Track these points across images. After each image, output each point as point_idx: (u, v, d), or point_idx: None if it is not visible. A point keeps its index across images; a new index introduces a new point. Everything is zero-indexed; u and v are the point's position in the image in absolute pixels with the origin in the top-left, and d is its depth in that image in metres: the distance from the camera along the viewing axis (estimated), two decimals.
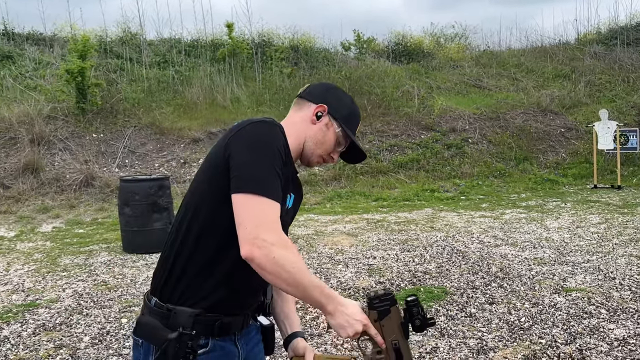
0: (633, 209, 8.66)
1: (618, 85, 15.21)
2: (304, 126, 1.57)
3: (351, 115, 1.62)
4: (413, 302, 1.44)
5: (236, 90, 13.66)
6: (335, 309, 1.38)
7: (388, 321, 1.43)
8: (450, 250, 6.31)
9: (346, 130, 1.59)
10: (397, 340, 1.43)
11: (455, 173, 11.92)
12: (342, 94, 1.64)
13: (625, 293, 4.67)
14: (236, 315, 1.50)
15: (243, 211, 1.32)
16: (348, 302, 1.41)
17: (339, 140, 1.60)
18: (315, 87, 1.65)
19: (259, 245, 1.28)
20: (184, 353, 1.38)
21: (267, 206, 1.33)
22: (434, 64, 17.06)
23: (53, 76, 12.83)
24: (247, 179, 1.34)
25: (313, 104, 1.58)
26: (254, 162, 1.35)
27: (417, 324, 1.43)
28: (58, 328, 4.18)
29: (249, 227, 1.30)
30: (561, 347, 3.61)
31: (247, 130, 1.40)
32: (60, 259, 6.40)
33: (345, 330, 1.38)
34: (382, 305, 1.43)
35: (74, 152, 10.77)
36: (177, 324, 1.40)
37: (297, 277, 1.31)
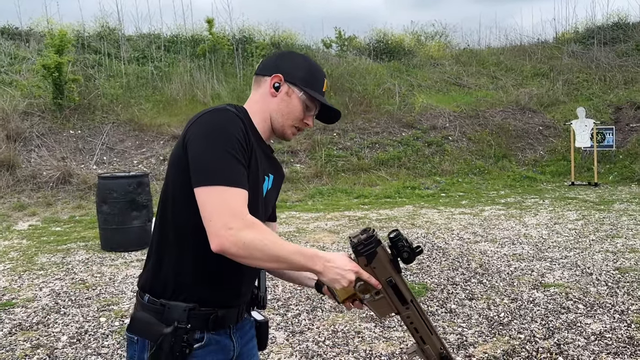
0: (609, 205, 8.81)
1: (595, 84, 15.45)
2: (266, 102, 1.53)
3: (310, 75, 1.55)
4: (396, 237, 1.44)
5: (217, 86, 13.57)
6: (323, 266, 1.37)
7: (378, 262, 1.44)
8: (431, 247, 6.35)
9: (309, 92, 1.52)
10: (391, 277, 1.45)
11: (435, 170, 12.01)
12: (295, 57, 1.58)
13: (602, 288, 4.74)
14: (230, 307, 1.50)
15: (206, 204, 1.32)
16: (334, 255, 1.41)
17: (307, 104, 1.54)
18: (267, 59, 1.60)
19: (226, 235, 1.28)
20: (180, 347, 1.37)
21: (228, 195, 1.31)
22: (414, 62, 17.15)
23: (29, 71, 12.59)
24: (204, 171, 1.33)
25: (268, 76, 1.53)
26: (209, 152, 1.34)
27: (405, 257, 1.44)
28: (35, 327, 4.11)
29: (213, 219, 1.30)
30: (540, 342, 3.66)
31: (200, 121, 1.39)
32: (37, 257, 6.29)
33: (340, 282, 1.38)
34: (367, 249, 1.43)
35: (51, 149, 10.60)
36: (171, 318, 1.39)
37: (273, 251, 1.31)
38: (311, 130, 12.38)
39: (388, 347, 3.63)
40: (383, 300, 1.47)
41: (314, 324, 4.06)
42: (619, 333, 3.77)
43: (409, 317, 1.48)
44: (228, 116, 1.40)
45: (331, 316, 4.21)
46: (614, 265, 5.40)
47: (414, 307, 1.48)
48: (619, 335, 3.73)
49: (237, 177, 1.34)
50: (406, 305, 1.47)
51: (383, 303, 1.47)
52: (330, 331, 3.91)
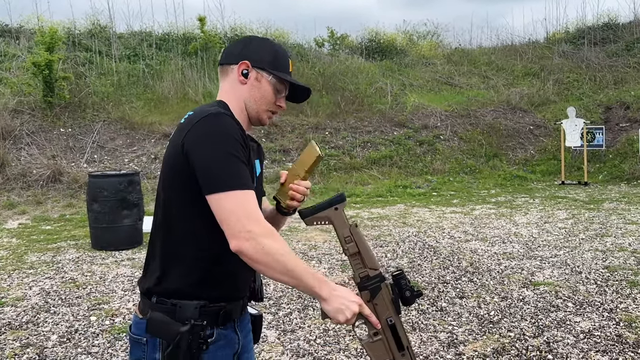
0: (599, 204, 8.88)
1: (585, 84, 15.56)
2: (237, 90, 1.53)
3: (276, 58, 1.55)
4: (400, 275, 1.46)
5: (208, 84, 13.53)
6: (329, 294, 1.38)
7: (380, 299, 1.44)
8: (422, 246, 6.37)
9: (278, 74, 1.53)
10: (391, 317, 1.45)
11: (427, 169, 12.05)
12: (258, 41, 1.58)
13: (591, 287, 4.78)
14: (236, 300, 1.52)
15: (222, 210, 1.34)
16: (339, 286, 1.42)
17: (277, 87, 1.54)
18: (230, 47, 1.59)
19: (246, 237, 1.30)
20: (197, 344, 1.38)
21: (243, 198, 1.33)
22: (406, 61, 17.19)
23: (19, 69, 12.50)
24: (216, 178, 1.34)
25: (235, 64, 1.53)
26: (216, 158, 1.35)
27: (407, 295, 1.45)
28: (24, 327, 4.09)
29: (232, 222, 1.32)
30: (529, 340, 3.68)
31: (199, 129, 1.39)
32: (27, 256, 6.25)
33: (344, 314, 1.38)
34: (372, 283, 1.44)
35: (41, 147, 10.53)
36: (184, 317, 1.40)
37: (289, 264, 1.33)
38: (303, 129, 12.39)
39: None
40: (380, 343, 1.45)
41: (305, 322, 4.07)
42: (608, 331, 3.80)
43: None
44: (225, 120, 1.41)
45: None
46: (603, 264, 5.45)
47: (409, 355, 1.46)
48: (608, 334, 3.76)
49: (246, 180, 1.37)
50: (402, 351, 1.46)
51: (380, 346, 1.45)
52: (322, 330, 3.92)
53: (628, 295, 4.53)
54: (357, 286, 1.46)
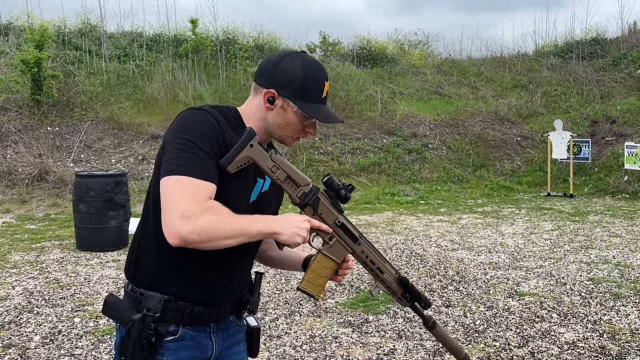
0: (584, 216, 8.97)
1: (573, 97, 15.74)
2: (262, 113, 1.51)
3: (305, 85, 1.48)
4: (329, 180, 1.53)
5: (198, 87, 13.49)
6: (280, 226, 1.41)
7: (322, 208, 1.51)
8: (409, 254, 6.39)
9: (303, 107, 1.47)
10: (337, 218, 1.53)
11: (415, 177, 12.10)
12: (290, 64, 1.48)
13: (576, 298, 4.83)
14: (208, 305, 1.50)
15: (165, 194, 1.33)
16: (285, 215, 1.46)
17: (304, 116, 1.49)
18: (264, 66, 1.53)
19: (183, 224, 1.28)
20: (147, 335, 1.40)
21: (191, 185, 1.32)
22: (397, 70, 17.28)
23: (7, 66, 12.37)
24: (169, 163, 1.35)
25: (263, 89, 1.50)
26: (176, 145, 1.36)
27: (343, 194, 1.52)
28: (7, 327, 4.03)
29: (170, 209, 1.30)
30: (514, 350, 3.71)
31: (174, 122, 1.42)
32: (10, 255, 6.17)
33: (300, 235, 1.42)
34: (310, 197, 1.50)
35: (28, 145, 10.42)
36: (145, 307, 1.43)
37: (231, 228, 1.33)
38: None
39: (365, 353, 3.64)
40: (337, 244, 1.54)
41: (291, 328, 4.06)
42: (592, 343, 3.83)
43: (363, 252, 1.56)
44: (200, 114, 1.42)
45: (309, 321, 4.21)
46: (588, 276, 5.50)
47: (364, 241, 1.57)
48: (592, 345, 3.79)
49: (202, 170, 1.34)
50: (357, 241, 1.56)
51: (337, 247, 1.54)
52: (308, 336, 3.91)
53: (612, 307, 4.58)
54: (298, 207, 1.51)
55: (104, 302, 1.50)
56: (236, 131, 1.46)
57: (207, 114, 1.42)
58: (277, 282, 5.19)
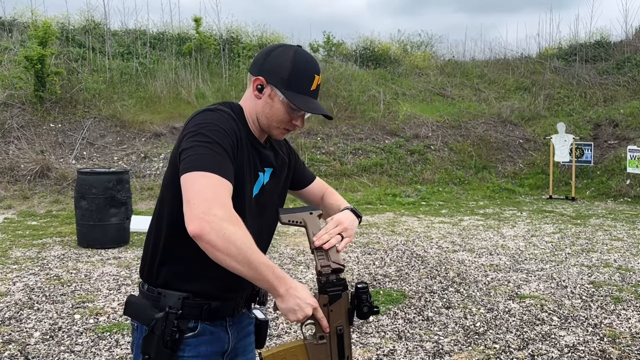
0: (586, 220, 8.96)
1: (575, 100, 15.72)
2: (252, 102, 1.51)
3: (294, 76, 1.45)
4: (363, 289, 1.46)
5: (201, 85, 13.50)
6: (287, 292, 1.36)
7: (337, 306, 1.44)
8: (410, 255, 6.38)
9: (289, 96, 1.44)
10: (342, 326, 1.44)
11: (417, 179, 12.09)
12: (282, 54, 1.48)
13: (576, 301, 4.82)
14: (225, 300, 1.51)
15: (190, 189, 1.28)
16: (298, 285, 1.40)
17: (291, 107, 1.47)
18: (257, 56, 1.53)
19: (209, 220, 1.23)
20: (171, 332, 1.41)
21: (215, 181, 1.29)
22: (400, 71, 17.27)
23: (11, 62, 12.39)
24: (192, 160, 1.32)
25: (253, 76, 1.50)
26: (198, 143, 1.33)
27: (364, 311, 1.45)
28: (7, 322, 4.03)
29: (196, 202, 1.25)
30: (514, 353, 3.70)
31: (192, 120, 1.41)
32: (11, 251, 6.18)
33: (296, 314, 1.37)
34: (334, 290, 1.43)
35: (30, 142, 10.43)
36: (165, 306, 1.43)
37: (249, 254, 1.27)
38: (295, 134, 12.38)
39: (365, 353, 3.64)
40: (324, 347, 1.44)
41: (291, 327, 4.06)
42: (592, 346, 3.83)
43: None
44: (219, 114, 1.42)
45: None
46: (589, 279, 5.49)
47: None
48: (592, 348, 3.79)
49: (225, 170, 1.33)
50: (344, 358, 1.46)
51: (322, 350, 1.45)
52: None
53: (612, 311, 4.57)
54: (317, 281, 1.45)
55: (126, 303, 1.50)
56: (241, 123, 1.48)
57: (225, 113, 1.43)
58: None
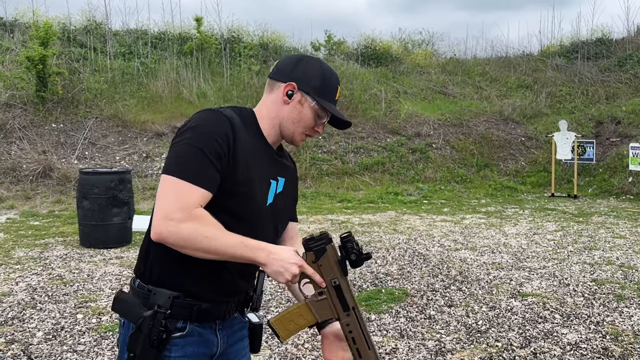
0: (588, 218, 8.95)
1: (577, 98, 15.69)
2: (276, 108, 1.54)
3: (324, 84, 1.55)
4: (347, 237, 1.44)
5: (203, 85, 13.50)
6: (267, 257, 1.38)
7: (325, 260, 1.44)
8: (412, 253, 6.38)
9: (321, 102, 1.53)
10: (336, 278, 1.45)
11: (418, 177, 12.08)
12: (310, 64, 1.56)
13: (579, 299, 4.81)
14: (216, 302, 1.50)
15: (159, 192, 1.38)
16: (280, 248, 1.42)
17: (318, 113, 1.55)
18: (283, 63, 1.59)
19: (166, 225, 1.33)
20: (158, 331, 1.41)
21: (182, 188, 1.35)
22: (401, 69, 17.26)
23: (12, 62, 12.41)
24: (169, 163, 1.38)
25: (282, 83, 1.53)
26: (182, 146, 1.39)
27: (353, 259, 1.44)
28: (10, 322, 4.04)
29: (159, 207, 1.35)
30: (516, 351, 3.70)
31: (190, 119, 1.44)
32: (14, 251, 6.19)
33: (283, 275, 1.38)
34: (318, 244, 1.43)
35: (32, 142, 10.45)
36: (154, 303, 1.43)
37: (212, 243, 1.34)
38: None
39: None
40: (325, 302, 1.45)
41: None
42: (594, 344, 3.82)
43: (348, 325, 1.45)
44: (216, 117, 1.43)
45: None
46: (591, 277, 5.49)
47: (355, 315, 1.46)
48: (594, 346, 3.78)
49: (200, 176, 1.36)
50: (347, 312, 1.46)
51: (324, 305, 1.46)
52: (310, 334, 3.91)
53: (615, 308, 4.56)
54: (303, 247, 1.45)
55: (114, 299, 1.51)
56: (250, 133, 1.50)
57: (222, 115, 1.43)
58: None
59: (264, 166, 1.53)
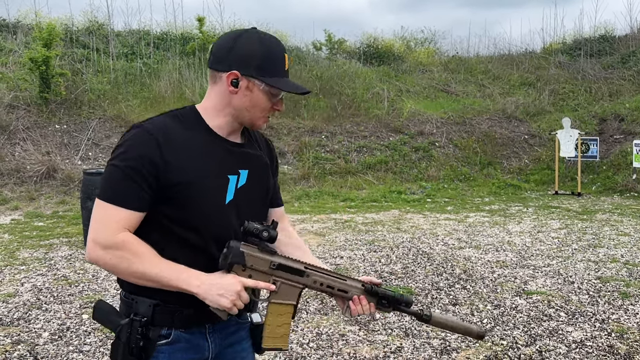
0: (592, 215, 8.93)
1: (581, 95, 15.65)
2: (224, 99, 1.45)
3: (267, 61, 1.42)
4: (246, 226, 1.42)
5: (205, 85, 13.48)
6: (202, 286, 1.35)
7: (250, 259, 1.42)
8: (416, 252, 6.38)
9: (268, 81, 1.42)
10: (271, 261, 1.44)
11: (421, 176, 12.07)
12: (247, 42, 1.42)
13: (584, 297, 4.80)
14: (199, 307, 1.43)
15: (92, 216, 1.40)
16: (211, 275, 1.38)
17: (271, 92, 1.44)
18: (218, 48, 1.46)
19: (93, 249, 1.37)
20: (136, 339, 1.39)
21: (107, 211, 1.37)
22: (403, 68, 17.24)
23: (15, 64, 12.44)
24: (100, 186, 1.41)
25: (223, 73, 1.43)
26: (108, 168, 1.40)
27: (265, 236, 1.42)
28: (16, 323, 4.06)
29: (90, 231, 1.39)
30: (522, 349, 3.70)
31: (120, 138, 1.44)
32: (19, 252, 6.21)
33: (225, 297, 1.35)
34: (232, 254, 1.40)
35: (36, 143, 10.48)
36: (137, 312, 1.42)
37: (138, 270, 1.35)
38: (299, 132, 12.39)
39: (372, 351, 3.64)
40: (283, 286, 1.46)
41: (298, 325, 4.07)
42: (600, 342, 3.82)
43: (316, 282, 1.48)
44: (136, 135, 1.39)
45: (316, 318, 4.22)
46: (596, 275, 5.48)
47: (313, 270, 1.48)
48: (600, 344, 3.78)
49: (124, 197, 1.36)
50: (304, 274, 1.47)
51: (286, 288, 1.46)
52: (315, 333, 3.91)
53: (620, 306, 4.56)
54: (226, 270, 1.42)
55: (93, 308, 1.50)
56: (194, 132, 1.44)
57: (145, 131, 1.38)
58: None
59: (217, 162, 1.45)
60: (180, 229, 1.40)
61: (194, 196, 1.40)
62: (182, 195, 1.39)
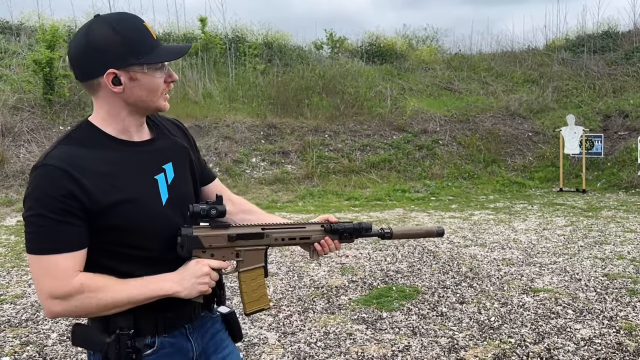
0: (597, 212, 8.91)
1: (584, 92, 15.62)
2: (114, 103, 1.35)
3: (132, 42, 1.31)
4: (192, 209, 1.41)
5: (208, 85, 13.53)
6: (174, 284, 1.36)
7: (206, 239, 1.43)
8: (422, 250, 6.38)
9: (147, 60, 1.33)
10: (227, 234, 1.45)
11: (425, 174, 12.07)
12: (100, 36, 1.30)
13: (591, 294, 4.79)
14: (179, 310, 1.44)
15: (32, 274, 1.31)
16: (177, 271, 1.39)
17: (157, 70, 1.36)
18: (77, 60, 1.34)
19: (55, 304, 1.28)
20: (126, 353, 1.35)
21: (52, 262, 1.27)
22: (406, 66, 17.23)
23: (19, 66, 12.48)
24: (26, 240, 1.30)
25: (96, 79, 1.32)
26: (27, 219, 1.28)
27: (213, 214, 1.42)
28: (24, 324, 4.07)
29: (39, 288, 1.30)
30: (530, 347, 3.69)
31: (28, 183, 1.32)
32: (26, 253, 6.22)
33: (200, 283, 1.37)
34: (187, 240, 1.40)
35: (40, 144, 10.50)
36: (117, 326, 1.36)
37: (109, 301, 1.30)
38: (302, 132, 12.39)
39: (380, 350, 3.64)
40: (247, 253, 1.49)
41: (305, 325, 4.07)
42: (608, 339, 3.81)
43: (277, 239, 1.51)
44: (47, 176, 1.27)
45: (323, 317, 4.22)
46: (603, 272, 5.46)
47: (270, 229, 1.51)
48: (608, 341, 3.77)
49: (58, 243, 1.27)
50: (263, 235, 1.50)
51: (250, 255, 1.49)
52: (322, 332, 3.92)
53: (628, 303, 4.54)
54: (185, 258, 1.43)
55: (72, 334, 1.43)
56: (99, 148, 1.35)
57: (50, 168, 1.27)
58: (290, 279, 5.20)
59: (138, 170, 1.38)
60: (126, 248, 1.36)
61: (128, 214, 1.33)
62: (117, 218, 1.32)
